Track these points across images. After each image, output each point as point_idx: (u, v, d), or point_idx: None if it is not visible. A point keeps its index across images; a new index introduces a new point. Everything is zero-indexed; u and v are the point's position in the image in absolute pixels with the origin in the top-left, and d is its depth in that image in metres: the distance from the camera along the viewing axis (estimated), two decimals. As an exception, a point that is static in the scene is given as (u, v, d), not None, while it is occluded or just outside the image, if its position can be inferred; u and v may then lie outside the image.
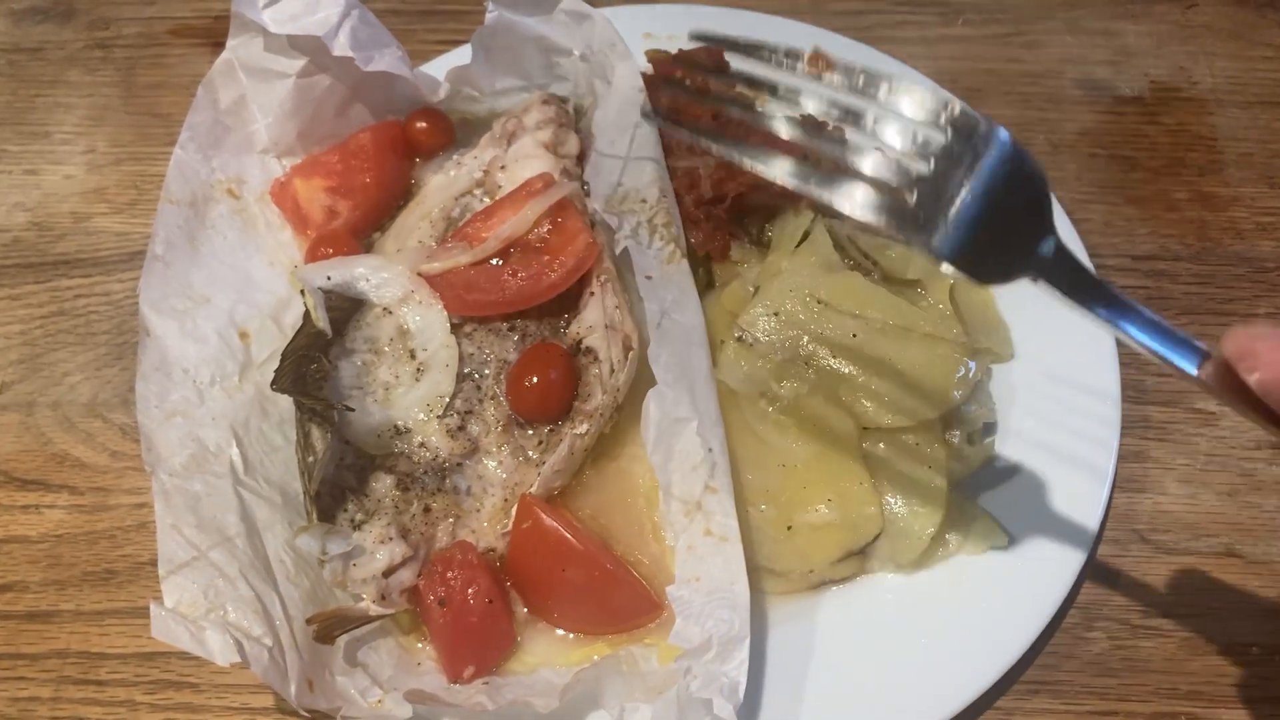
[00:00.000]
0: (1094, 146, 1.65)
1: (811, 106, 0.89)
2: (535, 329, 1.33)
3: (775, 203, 1.39)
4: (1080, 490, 1.23)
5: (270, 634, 1.08)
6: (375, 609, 1.15)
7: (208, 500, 1.17)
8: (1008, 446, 1.28)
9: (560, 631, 1.20)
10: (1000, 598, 1.18)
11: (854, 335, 1.26)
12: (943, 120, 0.84)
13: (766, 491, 1.22)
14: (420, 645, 1.20)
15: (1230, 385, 0.80)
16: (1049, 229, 0.84)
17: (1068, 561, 1.19)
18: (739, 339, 1.28)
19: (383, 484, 1.21)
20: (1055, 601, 1.17)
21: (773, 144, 0.90)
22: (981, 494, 1.26)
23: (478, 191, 1.45)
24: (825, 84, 0.88)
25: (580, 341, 1.29)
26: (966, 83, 1.71)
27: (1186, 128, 1.66)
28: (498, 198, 1.41)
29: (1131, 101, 1.70)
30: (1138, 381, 1.39)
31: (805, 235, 1.35)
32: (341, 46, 1.38)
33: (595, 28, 1.45)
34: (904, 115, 0.85)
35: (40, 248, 1.60)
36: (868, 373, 1.24)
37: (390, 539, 1.17)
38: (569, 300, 1.34)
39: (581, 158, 1.46)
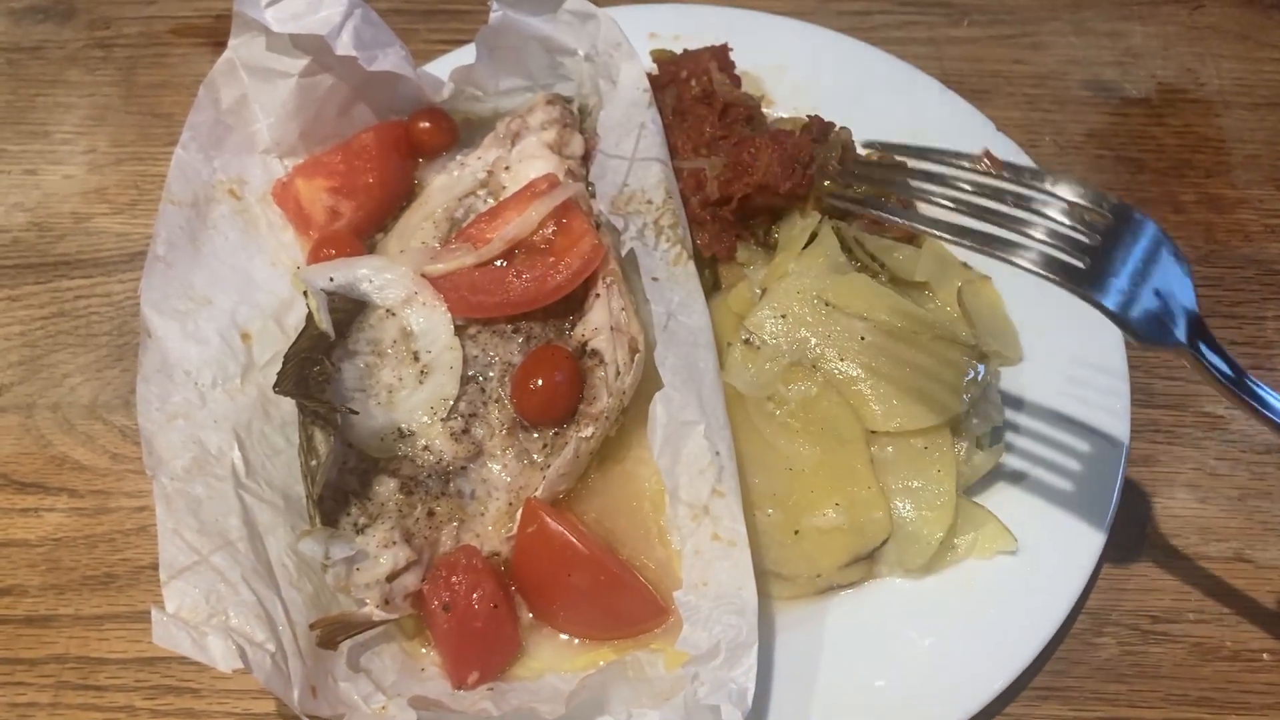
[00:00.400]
0: (1100, 148, 1.64)
1: (991, 194, 1.04)
2: (540, 331, 1.32)
3: (781, 204, 1.38)
4: (1089, 494, 1.22)
5: (273, 639, 1.06)
6: (379, 614, 1.14)
7: (209, 504, 1.15)
8: (1016, 450, 1.27)
9: (565, 636, 1.19)
10: (1009, 603, 1.17)
11: (862, 338, 1.25)
12: (1103, 206, 0.98)
13: (774, 495, 1.21)
14: (424, 650, 1.19)
15: None
16: (1194, 305, 0.98)
17: (1077, 566, 1.18)
18: (746, 341, 1.27)
19: (386, 487, 1.20)
20: (1065, 606, 1.16)
21: (959, 219, 1.05)
22: (990, 498, 1.25)
23: (481, 192, 1.44)
24: (1000, 179, 1.04)
25: (585, 344, 1.28)
26: (972, 84, 1.70)
27: (1193, 129, 1.66)
28: (502, 198, 1.40)
29: (1138, 103, 1.69)
30: (1146, 385, 1.39)
31: (812, 237, 1.34)
32: (344, 46, 1.37)
33: (600, 27, 1.44)
34: (1071, 200, 1.00)
35: (40, 248, 1.59)
36: (875, 376, 1.23)
37: (394, 543, 1.16)
38: (574, 302, 1.33)
39: (586, 158, 1.44)
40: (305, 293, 1.23)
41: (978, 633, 1.16)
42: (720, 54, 1.50)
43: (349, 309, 1.28)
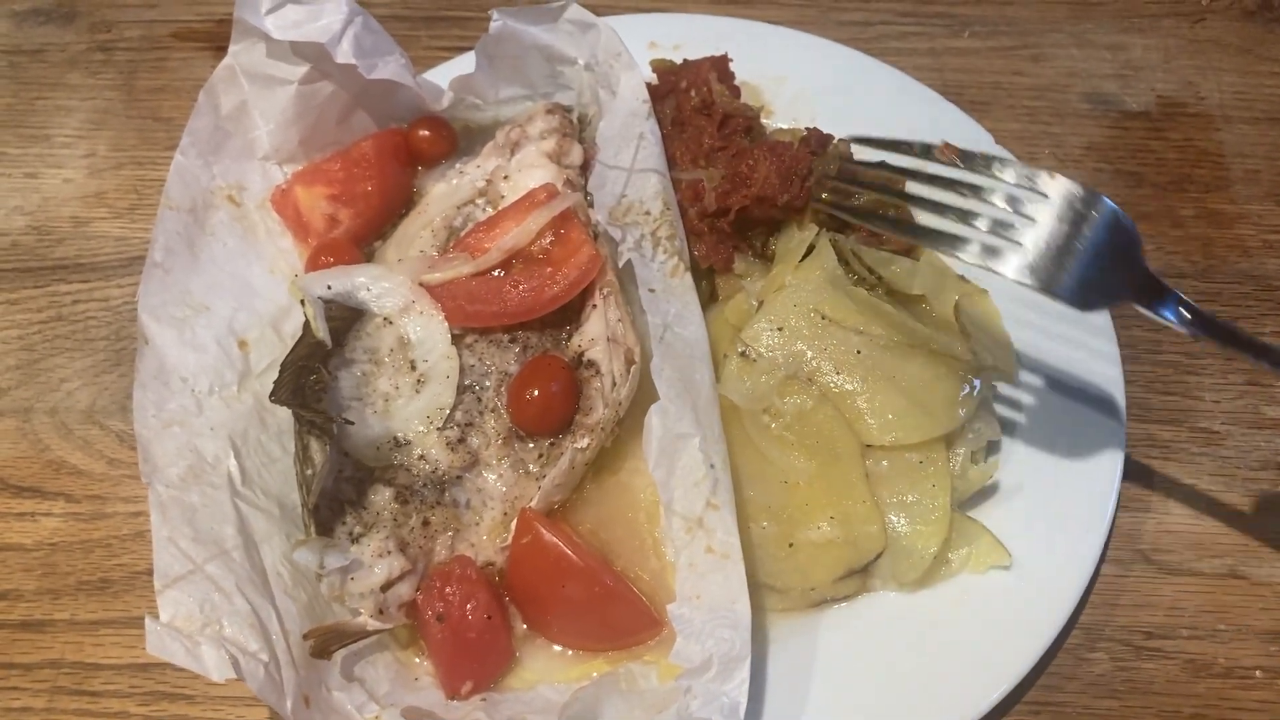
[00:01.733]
0: (1100, 162, 1.64)
1: (944, 185, 1.14)
2: (537, 341, 1.32)
3: (779, 216, 1.38)
4: (1084, 509, 1.23)
5: (266, 649, 1.07)
6: (373, 624, 1.14)
7: (205, 512, 1.15)
8: (1011, 465, 1.27)
9: (559, 648, 1.20)
10: (1003, 617, 1.17)
11: (858, 351, 1.25)
12: (1049, 190, 1.08)
13: (768, 508, 1.21)
14: (418, 660, 1.20)
15: None
16: (1139, 264, 1.07)
17: (1071, 581, 1.18)
18: (742, 354, 1.27)
19: (381, 497, 1.20)
20: (1058, 622, 1.16)
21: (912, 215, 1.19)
22: (985, 513, 1.25)
23: (480, 201, 1.44)
24: (955, 168, 1.14)
25: (582, 354, 1.28)
26: (972, 95, 1.70)
27: (1193, 143, 1.66)
28: (500, 207, 1.40)
29: (1138, 116, 1.69)
30: (1143, 400, 1.39)
31: (810, 249, 1.34)
32: (344, 53, 1.38)
33: (600, 37, 1.44)
34: (1016, 185, 1.10)
35: (39, 252, 1.59)
36: (871, 389, 1.23)
37: (389, 552, 1.16)
38: (571, 312, 1.33)
39: (585, 168, 1.44)
40: (303, 300, 1.23)
41: (971, 647, 1.16)
42: (720, 64, 1.50)
43: (346, 317, 1.28)
